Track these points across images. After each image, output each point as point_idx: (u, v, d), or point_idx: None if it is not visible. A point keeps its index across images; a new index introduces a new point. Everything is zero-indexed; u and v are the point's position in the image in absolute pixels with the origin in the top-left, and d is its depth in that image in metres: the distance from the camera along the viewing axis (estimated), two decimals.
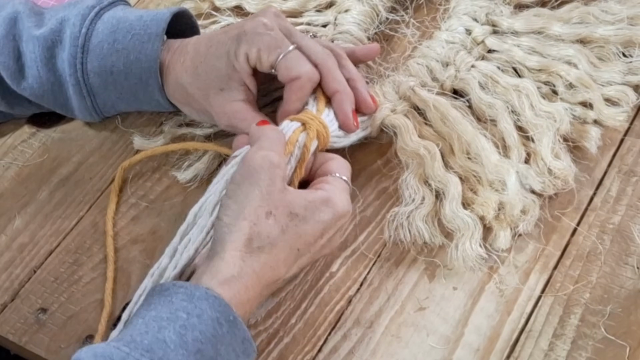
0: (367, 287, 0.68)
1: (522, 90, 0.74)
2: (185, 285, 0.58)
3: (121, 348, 0.54)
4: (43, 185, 0.79)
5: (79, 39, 0.74)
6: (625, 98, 0.73)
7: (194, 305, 0.56)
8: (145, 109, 0.80)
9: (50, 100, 0.77)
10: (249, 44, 0.70)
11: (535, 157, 0.70)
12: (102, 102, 0.77)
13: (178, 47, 0.75)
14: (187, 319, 0.56)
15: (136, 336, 0.55)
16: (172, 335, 0.55)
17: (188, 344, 0.55)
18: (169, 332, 0.55)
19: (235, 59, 0.71)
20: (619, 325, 0.62)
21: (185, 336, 0.55)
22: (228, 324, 0.56)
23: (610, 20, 0.77)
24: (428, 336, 0.64)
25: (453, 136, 0.72)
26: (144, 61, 0.74)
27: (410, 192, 0.71)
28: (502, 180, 0.68)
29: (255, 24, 0.71)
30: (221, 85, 0.72)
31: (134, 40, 0.74)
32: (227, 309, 0.57)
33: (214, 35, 0.74)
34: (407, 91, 0.76)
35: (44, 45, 0.75)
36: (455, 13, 0.82)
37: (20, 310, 0.71)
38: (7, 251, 0.75)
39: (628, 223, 0.67)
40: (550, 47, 0.77)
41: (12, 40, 0.76)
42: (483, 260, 0.66)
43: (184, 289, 0.57)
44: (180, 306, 0.56)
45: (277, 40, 0.70)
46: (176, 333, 0.55)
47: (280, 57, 0.70)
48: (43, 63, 0.75)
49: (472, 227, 0.67)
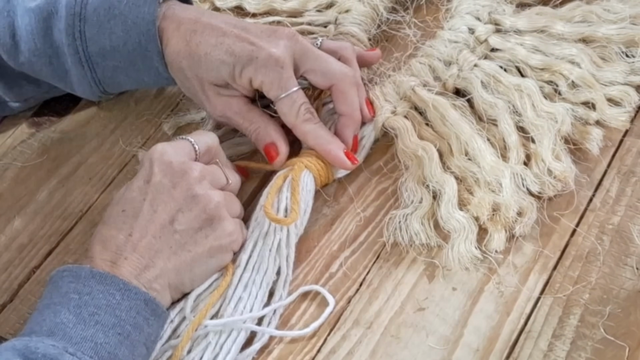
0: (366, 288, 0.68)
1: (524, 90, 0.73)
2: (70, 268, 0.61)
3: (21, 339, 0.56)
4: (42, 186, 0.79)
5: (75, 7, 0.73)
6: (627, 98, 0.73)
7: (83, 284, 0.60)
8: (146, 83, 0.78)
9: (49, 73, 0.77)
10: (255, 72, 0.71)
11: (536, 158, 0.70)
12: (101, 72, 0.76)
13: (184, 19, 0.73)
14: (79, 298, 0.59)
15: (34, 326, 0.58)
16: (68, 316, 0.58)
17: (85, 319, 0.58)
18: (65, 314, 0.58)
19: (240, 77, 0.71)
20: (618, 326, 0.62)
21: (81, 314, 0.58)
22: (120, 292, 0.60)
23: (612, 19, 0.77)
24: (427, 337, 0.64)
25: (452, 136, 0.72)
26: (142, 25, 0.73)
27: (409, 194, 0.70)
28: (499, 182, 0.68)
29: (269, 55, 0.70)
30: (218, 83, 0.73)
31: (129, 4, 0.73)
32: (114, 280, 0.60)
33: (225, 32, 0.72)
34: (408, 91, 0.76)
35: (40, 16, 0.74)
36: (458, 12, 0.82)
37: (19, 311, 0.71)
38: (7, 251, 0.75)
39: (627, 224, 0.67)
40: (553, 46, 0.76)
41: (7, 16, 0.75)
42: (478, 261, 0.66)
43: (69, 272, 0.61)
44: (69, 289, 0.60)
45: (281, 80, 0.71)
46: (72, 312, 0.58)
47: (281, 96, 0.71)
48: (40, 35, 0.74)
49: (467, 228, 0.67)
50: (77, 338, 0.57)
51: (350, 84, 0.73)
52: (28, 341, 0.56)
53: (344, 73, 0.72)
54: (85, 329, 0.57)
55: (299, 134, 0.73)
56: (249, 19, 0.87)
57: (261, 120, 0.74)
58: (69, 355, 0.56)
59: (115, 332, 0.59)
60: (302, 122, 0.72)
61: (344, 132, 0.73)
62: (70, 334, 0.57)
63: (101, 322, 0.58)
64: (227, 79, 0.72)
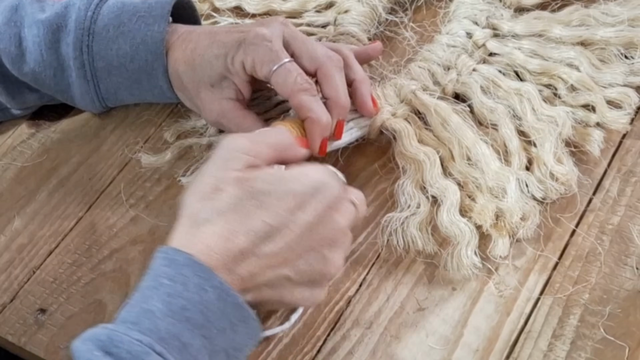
0: (366, 288, 0.68)
1: (524, 94, 0.73)
2: (166, 250, 0.56)
3: (107, 327, 0.52)
4: (42, 186, 0.79)
5: (85, 22, 0.74)
6: (627, 100, 0.73)
7: (177, 271, 0.54)
8: (148, 100, 0.79)
9: (52, 85, 0.77)
10: (245, 53, 0.70)
11: (537, 163, 0.70)
12: (104, 87, 0.77)
13: (183, 32, 0.75)
14: (172, 286, 0.54)
15: (124, 313, 0.54)
16: (158, 304, 0.53)
17: (175, 312, 0.53)
18: (155, 301, 0.53)
19: (232, 64, 0.71)
20: (618, 326, 0.62)
21: (172, 304, 0.53)
22: (214, 290, 0.54)
23: (610, 22, 0.77)
24: (427, 337, 0.64)
25: (453, 142, 0.71)
26: (150, 43, 0.74)
27: (406, 197, 0.70)
28: (503, 188, 0.68)
29: (256, 34, 0.71)
30: (212, 82, 0.73)
31: (139, 22, 0.74)
32: (211, 275, 0.54)
33: (218, 32, 0.74)
34: (409, 95, 0.76)
35: (49, 28, 0.75)
36: (456, 17, 0.82)
37: (19, 311, 0.71)
38: (6, 252, 0.75)
39: (627, 224, 0.67)
40: (551, 49, 0.76)
41: (14, 26, 0.76)
42: (477, 269, 0.66)
43: (164, 254, 0.56)
44: (161, 272, 0.55)
45: (272, 53, 0.70)
46: (162, 301, 0.53)
47: (273, 69, 0.70)
48: (47, 47, 0.75)
49: (469, 235, 0.67)
50: (165, 333, 0.52)
51: (336, 68, 0.72)
52: (112, 332, 0.51)
53: (329, 57, 0.72)
54: (174, 324, 0.52)
55: (294, 104, 0.70)
56: (248, 19, 0.87)
57: (257, 127, 0.73)
58: (156, 355, 0.51)
59: (200, 334, 0.53)
60: (298, 92, 0.69)
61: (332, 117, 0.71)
62: (159, 327, 0.52)
63: (190, 320, 0.53)
64: (223, 71, 0.72)
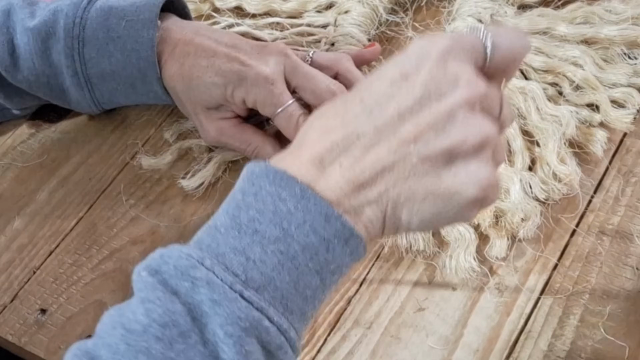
0: (366, 288, 0.68)
1: (528, 93, 0.73)
2: (249, 164, 0.49)
3: (170, 246, 0.47)
4: (42, 186, 0.79)
5: (74, 29, 0.73)
6: (631, 100, 0.73)
7: (251, 183, 0.48)
8: (144, 102, 0.79)
9: (47, 92, 0.77)
10: (247, 92, 0.70)
11: (540, 162, 0.70)
12: (99, 93, 0.76)
13: (178, 42, 0.73)
14: (242, 199, 0.48)
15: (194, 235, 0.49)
16: (223, 219, 0.47)
17: (242, 225, 0.47)
18: (221, 217, 0.48)
19: (231, 97, 0.71)
20: (619, 326, 0.62)
21: (239, 217, 0.47)
22: (294, 199, 0.46)
23: (614, 20, 0.77)
24: (427, 337, 0.64)
25: None
26: (141, 50, 0.73)
27: None
28: (506, 189, 0.68)
29: (257, 74, 0.70)
30: (209, 106, 0.73)
31: (127, 27, 0.73)
32: (291, 182, 0.47)
33: (216, 52, 0.72)
34: None
35: (38, 37, 0.74)
36: (460, 15, 0.82)
37: (19, 311, 0.71)
38: (7, 252, 0.75)
39: (627, 224, 0.67)
40: (555, 47, 0.76)
41: (6, 33, 0.75)
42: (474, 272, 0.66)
43: (246, 167, 0.49)
44: (237, 187, 0.49)
45: (274, 97, 0.70)
46: (228, 215, 0.47)
47: (277, 112, 0.70)
48: (38, 55, 0.74)
49: (468, 239, 0.67)
50: (224, 247, 0.46)
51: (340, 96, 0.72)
52: (167, 249, 0.47)
53: (331, 92, 0.71)
54: (238, 237, 0.46)
55: None
56: (249, 19, 0.87)
57: (257, 140, 0.73)
58: (204, 269, 0.45)
59: (276, 248, 0.46)
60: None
61: None
62: (218, 241, 0.46)
63: (261, 232, 0.46)
64: (220, 100, 0.72)
